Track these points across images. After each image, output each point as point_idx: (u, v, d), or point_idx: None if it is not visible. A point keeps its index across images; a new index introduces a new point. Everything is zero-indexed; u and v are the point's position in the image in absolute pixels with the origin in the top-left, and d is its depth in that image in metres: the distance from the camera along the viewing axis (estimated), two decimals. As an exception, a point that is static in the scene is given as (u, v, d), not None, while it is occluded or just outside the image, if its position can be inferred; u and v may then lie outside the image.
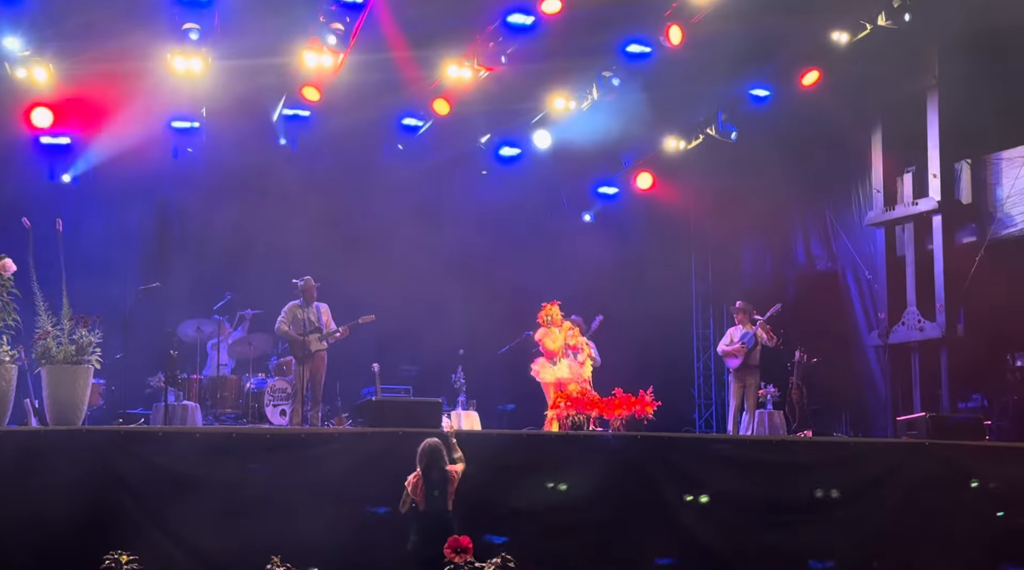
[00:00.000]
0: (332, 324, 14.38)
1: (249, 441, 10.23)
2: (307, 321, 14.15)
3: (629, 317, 18.22)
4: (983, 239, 16.71)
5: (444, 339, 16.79)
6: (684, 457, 11.57)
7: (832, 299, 18.83)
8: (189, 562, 9.43)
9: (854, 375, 18.33)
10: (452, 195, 18.54)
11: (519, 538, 9.88)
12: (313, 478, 10.00)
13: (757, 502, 11.44)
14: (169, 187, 17.33)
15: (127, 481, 9.39)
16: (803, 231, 19.70)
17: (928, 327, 16.85)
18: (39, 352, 9.93)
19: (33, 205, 13.50)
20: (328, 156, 17.37)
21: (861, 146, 18.21)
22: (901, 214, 17.56)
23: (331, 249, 16.36)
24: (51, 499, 9.01)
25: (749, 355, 15.66)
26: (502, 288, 18.08)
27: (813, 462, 12.02)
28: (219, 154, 16.77)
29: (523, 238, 18.78)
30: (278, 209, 16.91)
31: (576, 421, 12.55)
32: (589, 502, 10.84)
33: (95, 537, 8.73)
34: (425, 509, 9.17)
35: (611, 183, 19.65)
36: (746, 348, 15.61)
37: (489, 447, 10.92)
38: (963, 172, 17.09)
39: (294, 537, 9.40)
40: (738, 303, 16.34)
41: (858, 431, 17.52)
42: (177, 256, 16.82)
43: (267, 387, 14.90)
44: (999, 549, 11.86)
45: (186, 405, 13.99)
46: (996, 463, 12.38)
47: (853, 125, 18.01)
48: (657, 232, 19.72)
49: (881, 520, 11.75)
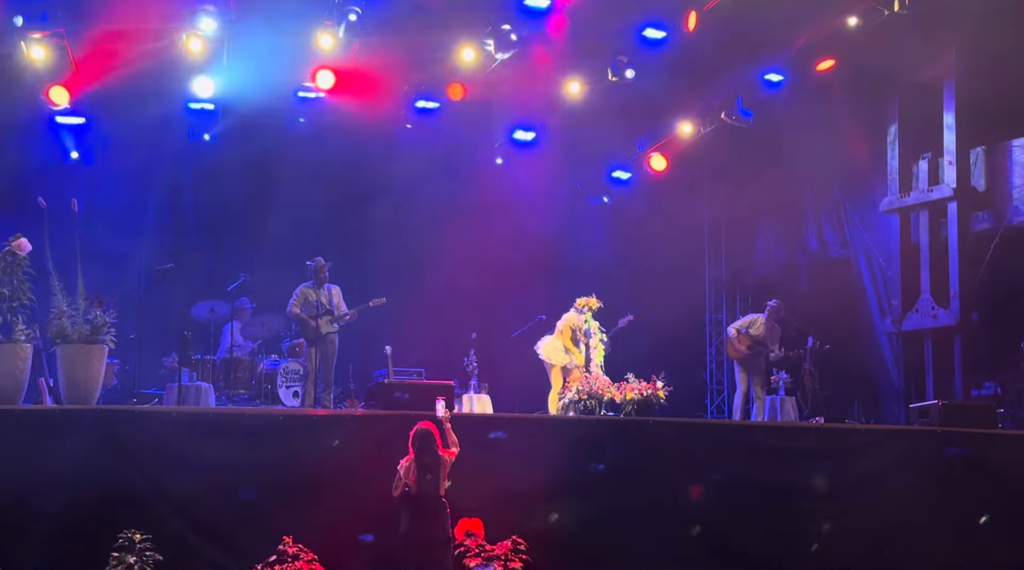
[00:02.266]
0: (344, 306, 14.41)
1: (262, 422, 10.26)
2: (319, 303, 14.18)
3: (641, 302, 18.20)
4: (998, 226, 16.66)
5: (456, 322, 16.81)
6: (695, 442, 11.58)
7: (845, 286, 18.78)
8: (200, 542, 9.47)
9: (867, 362, 18.31)
10: (466, 179, 18.52)
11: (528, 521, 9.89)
12: (325, 459, 10.03)
13: (768, 488, 11.44)
14: (184, 168, 17.36)
15: (140, 460, 9.43)
16: (816, 217, 19.65)
17: (942, 314, 16.81)
18: (54, 331, 9.98)
19: (49, 185, 13.57)
20: (342, 139, 17.35)
21: (876, 132, 18.15)
22: (916, 201, 17.52)
23: (345, 232, 16.41)
24: (64, 477, 9.05)
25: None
26: (515, 272, 18.09)
27: (825, 448, 12.01)
28: (234, 136, 16.78)
29: (536, 222, 18.75)
30: (292, 191, 16.91)
31: (588, 405, 12.55)
32: (599, 486, 10.85)
33: (108, 515, 8.79)
34: (418, 492, 9.22)
35: (625, 168, 19.61)
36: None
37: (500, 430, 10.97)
38: (979, 159, 17.04)
39: (306, 518, 9.44)
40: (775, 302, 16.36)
41: (870, 418, 17.52)
42: (191, 237, 16.88)
43: (280, 368, 14.95)
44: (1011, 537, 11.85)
45: (199, 386, 14.06)
46: (1009, 451, 12.36)
47: (868, 111, 17.95)
48: (670, 217, 19.68)
49: (893, 507, 11.75)
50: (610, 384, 12.72)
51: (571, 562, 10.45)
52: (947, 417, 12.59)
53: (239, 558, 8.72)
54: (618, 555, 10.80)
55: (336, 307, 14.35)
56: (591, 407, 12.50)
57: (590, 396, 12.57)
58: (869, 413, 17.80)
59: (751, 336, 15.88)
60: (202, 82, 15.47)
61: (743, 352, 15.88)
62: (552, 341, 14.67)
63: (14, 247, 9.85)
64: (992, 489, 11.97)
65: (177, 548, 8.81)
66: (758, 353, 15.84)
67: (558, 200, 19.55)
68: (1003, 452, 12.31)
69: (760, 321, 16.04)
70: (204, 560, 9.33)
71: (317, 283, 14.37)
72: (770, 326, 15.97)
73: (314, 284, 14.39)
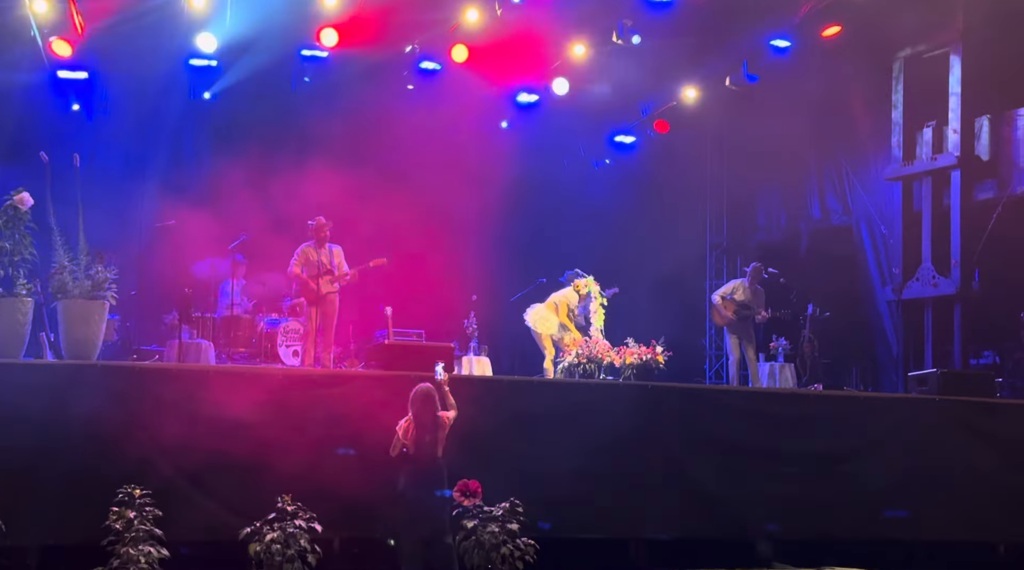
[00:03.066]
0: (345, 266, 14.39)
1: (262, 381, 10.28)
2: (320, 263, 14.16)
3: (642, 267, 18.22)
4: (1001, 195, 16.63)
5: (457, 284, 16.81)
6: (694, 407, 11.59)
7: (846, 253, 18.78)
8: (200, 498, 9.51)
9: (866, 330, 18.35)
10: (469, 142, 18.46)
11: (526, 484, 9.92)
12: (324, 419, 10.05)
13: (765, 453, 11.47)
14: (187, 125, 17.31)
15: (140, 416, 9.44)
16: (819, 185, 19.62)
17: (942, 283, 16.82)
18: (55, 286, 9.97)
19: (51, 140, 13.48)
20: (345, 99, 17.31)
21: (881, 100, 18.09)
22: (919, 169, 17.49)
23: (347, 192, 16.32)
24: (65, 432, 9.07)
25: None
26: (517, 235, 18.09)
27: (823, 415, 12.05)
28: (237, 93, 16.71)
29: (539, 185, 18.72)
30: (295, 150, 16.88)
31: (587, 369, 12.58)
32: (597, 450, 10.86)
33: (108, 471, 8.81)
34: (415, 454, 9.25)
35: (628, 132, 19.55)
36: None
37: (499, 393, 11.00)
38: (983, 128, 16.98)
39: (304, 476, 9.47)
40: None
41: (868, 386, 17.57)
42: (193, 194, 16.82)
43: (280, 328, 14.97)
44: (1006, 505, 11.91)
45: (199, 343, 14.07)
46: (1006, 420, 12.40)
47: (873, 79, 17.88)
48: (673, 182, 19.65)
49: (889, 474, 11.80)
50: (610, 348, 12.74)
51: (568, 524, 10.50)
52: (945, 386, 12.63)
53: (239, 515, 8.75)
54: (614, 517, 10.85)
55: (337, 267, 14.33)
56: (590, 371, 12.53)
57: (589, 360, 12.60)
58: (867, 381, 17.84)
59: (736, 301, 15.89)
60: (205, 37, 15.41)
61: (730, 318, 15.88)
62: (541, 310, 14.66)
63: (16, 201, 9.83)
64: (989, 458, 12.00)
65: (177, 504, 8.84)
66: (745, 318, 15.85)
67: (560, 164, 19.50)
68: (1000, 421, 12.35)
69: (743, 286, 16.04)
70: (204, 515, 9.36)
71: (318, 242, 14.34)
72: (753, 289, 15.98)
73: (315, 244, 14.36)
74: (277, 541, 7.84)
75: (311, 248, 14.31)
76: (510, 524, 8.44)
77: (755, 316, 15.83)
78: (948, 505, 11.77)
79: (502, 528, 8.41)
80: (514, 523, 8.44)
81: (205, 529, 9.29)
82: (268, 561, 7.78)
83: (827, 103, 18.01)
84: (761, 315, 15.83)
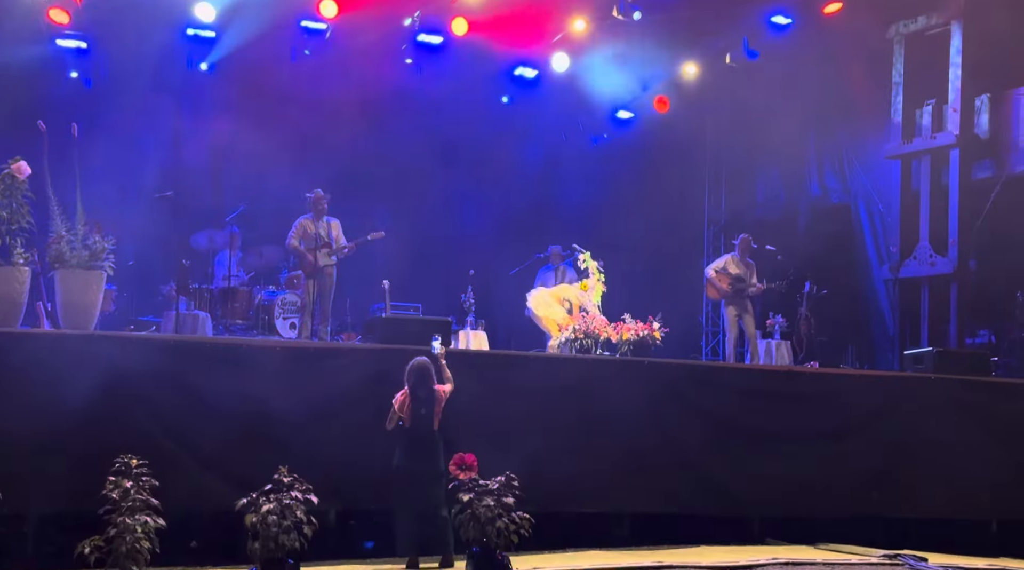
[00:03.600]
0: (343, 239, 14.38)
1: (259, 353, 10.27)
2: (317, 236, 14.15)
3: (640, 242, 18.23)
4: (1000, 175, 16.64)
5: (455, 258, 16.80)
6: (690, 383, 11.60)
7: (844, 231, 18.80)
8: (197, 468, 9.52)
9: (863, 308, 18.38)
10: (468, 116, 18.43)
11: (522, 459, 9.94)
12: (321, 392, 10.05)
13: (761, 430, 11.48)
14: (185, 96, 17.26)
15: (137, 387, 9.44)
16: (818, 163, 19.62)
17: (939, 262, 16.84)
18: (53, 256, 9.94)
19: (48, 109, 13.45)
20: (344, 71, 17.25)
21: (881, 78, 18.06)
22: (919, 148, 17.49)
23: (345, 165, 16.34)
24: (61, 401, 9.06)
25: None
26: (515, 210, 18.07)
27: (819, 393, 12.07)
28: (236, 65, 16.66)
29: (537, 161, 18.69)
30: (294, 122, 16.84)
31: (584, 344, 12.58)
32: (593, 425, 10.88)
33: (105, 441, 8.81)
34: (411, 427, 9.27)
35: (628, 108, 19.51)
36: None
37: (496, 367, 11.01)
38: (983, 106, 16.96)
39: (300, 448, 9.48)
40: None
41: (864, 364, 17.61)
42: (191, 165, 16.79)
43: (278, 300, 14.97)
44: (999, 484, 11.95)
45: (197, 314, 14.08)
46: (1001, 399, 12.43)
47: (874, 56, 17.84)
48: (672, 158, 19.62)
49: (884, 452, 11.84)
50: (607, 324, 12.73)
51: (563, 498, 10.53)
52: (941, 364, 12.64)
53: (235, 486, 8.74)
54: (610, 492, 10.88)
55: (335, 240, 14.33)
56: (587, 346, 12.52)
57: (586, 335, 12.58)
58: (863, 359, 17.89)
59: (730, 274, 15.88)
60: (203, 7, 15.36)
61: (725, 291, 15.85)
62: (545, 296, 14.61)
63: (13, 170, 9.79)
64: (984, 436, 12.04)
65: (174, 474, 8.83)
66: (740, 290, 15.84)
67: (559, 139, 19.47)
68: (995, 400, 12.37)
69: (734, 259, 16.03)
70: (201, 486, 9.37)
71: (316, 215, 14.33)
72: (745, 261, 15.97)
73: (313, 216, 14.35)
74: (273, 512, 7.84)
75: (309, 221, 14.30)
76: (506, 498, 8.44)
77: (749, 288, 15.80)
78: (942, 483, 11.81)
79: (497, 502, 8.41)
80: (510, 497, 8.45)
81: (202, 500, 9.31)
82: (264, 532, 7.79)
83: (827, 81, 17.99)
84: (756, 287, 15.80)
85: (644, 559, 9.46)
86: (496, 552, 8.34)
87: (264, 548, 7.82)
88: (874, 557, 9.89)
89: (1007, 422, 12.17)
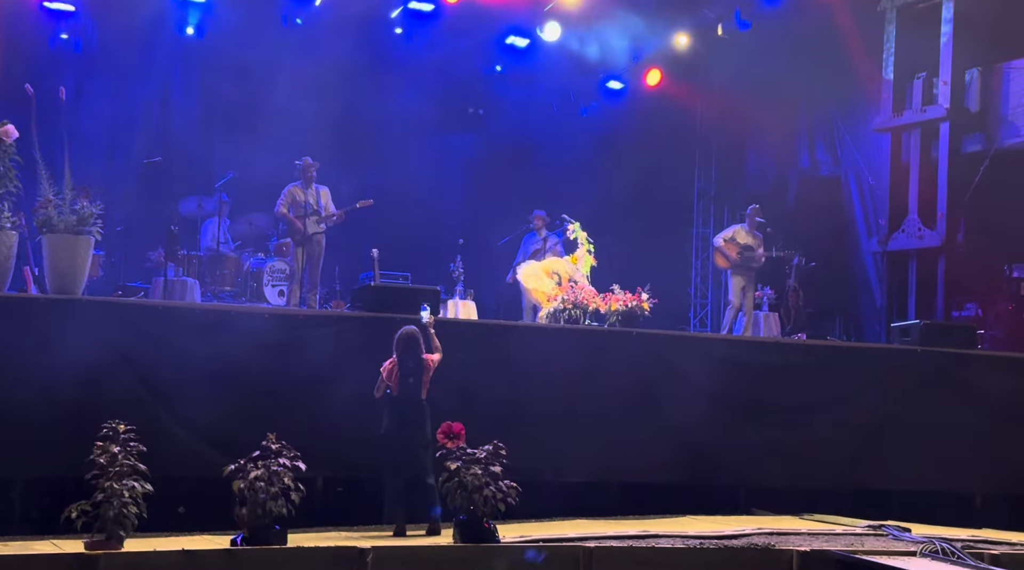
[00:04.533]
0: (332, 207, 14.35)
1: (247, 320, 10.27)
2: (306, 204, 14.12)
3: (630, 213, 18.22)
4: (989, 148, 16.65)
5: (444, 228, 16.78)
6: (678, 355, 11.64)
7: (833, 204, 18.81)
8: (185, 434, 9.53)
9: (851, 280, 18.42)
10: (458, 85, 18.36)
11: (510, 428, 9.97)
12: (309, 359, 10.06)
13: (748, 401, 11.55)
14: (175, 61, 17.13)
15: (125, 352, 9.44)
16: (809, 135, 19.62)
17: (928, 235, 16.87)
18: (40, 220, 9.89)
19: (36, 72, 13.35)
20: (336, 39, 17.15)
21: (872, 51, 18.02)
22: (909, 121, 17.48)
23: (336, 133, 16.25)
24: (49, 367, 9.06)
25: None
26: (504, 180, 18.04)
27: (806, 364, 12.11)
28: (226, 31, 16.55)
29: (527, 130, 18.64)
30: (284, 90, 16.74)
31: (572, 315, 12.59)
32: (581, 395, 10.92)
33: (93, 406, 8.81)
34: (399, 395, 9.29)
35: (619, 78, 19.45)
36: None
37: (484, 337, 11.03)
38: (974, 80, 16.94)
39: (288, 415, 9.50)
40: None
41: (851, 336, 17.66)
42: (180, 131, 16.69)
43: (266, 267, 14.94)
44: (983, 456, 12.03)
45: (185, 281, 14.06)
46: (987, 371, 12.49)
47: (865, 29, 17.79)
48: (662, 129, 19.58)
49: (870, 424, 11.90)
50: (595, 295, 12.74)
51: (551, 467, 10.58)
52: (927, 337, 12.70)
53: (223, 452, 8.75)
54: (597, 462, 10.92)
55: (324, 207, 14.30)
56: (576, 317, 12.53)
57: (575, 306, 12.59)
58: (851, 331, 17.94)
59: (738, 244, 15.90)
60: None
61: (735, 259, 15.86)
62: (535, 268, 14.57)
63: (0, 133, 9.74)
64: (969, 409, 12.11)
65: (162, 440, 8.83)
66: (748, 259, 15.87)
67: (550, 108, 19.40)
68: (981, 372, 12.44)
69: (743, 229, 16.07)
70: (189, 452, 9.40)
71: (305, 183, 14.29)
72: (753, 233, 16.01)
73: (302, 184, 14.31)
74: (261, 478, 7.85)
75: (298, 188, 14.26)
76: (493, 466, 8.46)
77: (757, 258, 15.84)
78: (927, 455, 11.89)
79: (485, 470, 8.42)
80: (497, 465, 8.46)
81: (190, 465, 9.33)
82: (252, 498, 7.79)
83: (818, 53, 17.94)
84: (764, 256, 15.87)
85: (630, 528, 9.50)
86: (483, 520, 8.37)
87: (251, 514, 7.84)
88: (858, 527, 9.94)
89: (992, 395, 12.24)
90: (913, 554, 8.60)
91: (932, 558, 8.47)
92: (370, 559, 7.69)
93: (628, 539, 8.86)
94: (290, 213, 14.19)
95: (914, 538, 9.21)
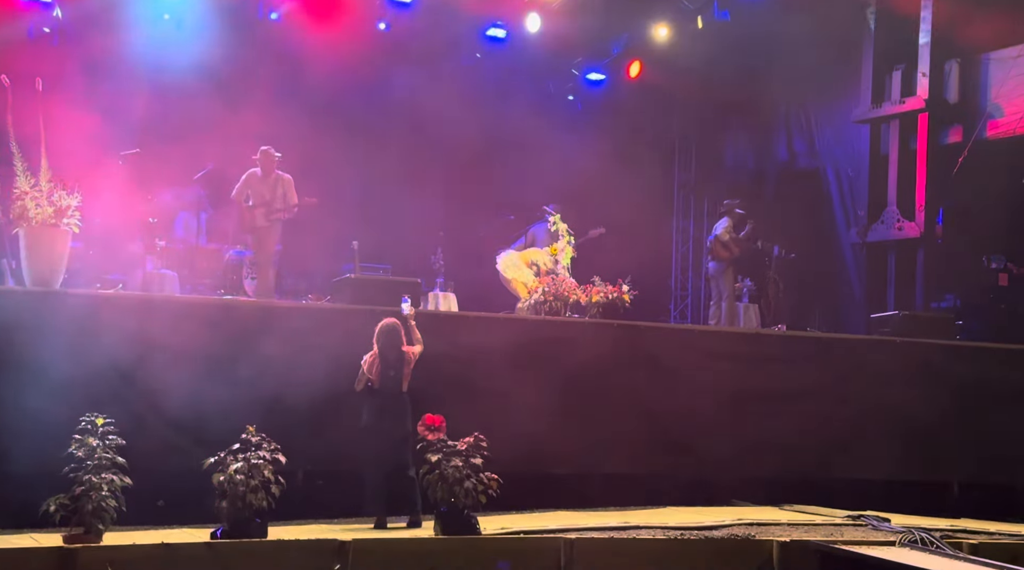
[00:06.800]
0: (293, 196, 13.88)
1: (226, 312, 10.24)
2: (261, 193, 13.74)
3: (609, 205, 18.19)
4: (968, 139, 16.70)
5: (425, 220, 16.73)
6: (658, 346, 11.66)
7: (812, 196, 18.87)
8: (164, 427, 9.50)
9: (830, 272, 18.47)
10: (438, 77, 18.29)
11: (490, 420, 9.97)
12: (289, 352, 10.02)
13: (728, 392, 11.58)
14: (152, 53, 17.00)
15: (104, 345, 9.38)
16: (787, 127, 19.67)
17: (907, 226, 16.93)
18: (17, 213, 9.82)
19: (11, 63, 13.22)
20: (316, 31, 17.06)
21: (851, 42, 18.06)
22: (888, 112, 17.53)
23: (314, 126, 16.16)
24: (26, 360, 9.01)
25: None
26: (485, 172, 18.01)
27: (785, 355, 12.15)
28: (203, 22, 16.44)
29: (507, 122, 18.60)
30: (263, 82, 16.66)
31: (553, 307, 12.58)
32: (562, 387, 10.91)
33: (70, 398, 8.76)
34: (380, 388, 9.30)
35: (599, 70, 19.43)
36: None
37: (465, 329, 11.01)
38: (952, 71, 17.00)
39: (269, 408, 9.46)
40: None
41: (831, 327, 17.68)
42: (158, 123, 16.58)
43: (245, 259, 14.86)
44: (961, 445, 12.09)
45: (164, 273, 13.97)
46: (964, 362, 12.55)
47: (845, 20, 17.82)
48: (641, 120, 19.58)
49: (848, 414, 11.95)
50: (576, 286, 12.74)
51: (531, 459, 10.57)
52: (906, 328, 12.76)
53: (202, 445, 8.71)
54: (578, 454, 10.94)
55: (280, 198, 13.80)
56: (556, 308, 12.53)
57: (556, 297, 12.59)
58: (830, 322, 17.97)
59: (740, 239, 15.94)
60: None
61: (737, 254, 15.89)
62: (514, 258, 14.55)
63: (-24, 125, 9.67)
64: (946, 399, 12.16)
65: (141, 432, 8.81)
66: (746, 250, 15.93)
67: (529, 100, 19.37)
68: (960, 363, 12.50)
69: (731, 223, 16.09)
70: (168, 445, 9.37)
71: (264, 172, 13.87)
72: (743, 225, 16.05)
73: (261, 172, 13.89)
74: (241, 471, 7.83)
75: (256, 177, 13.80)
76: (474, 458, 8.45)
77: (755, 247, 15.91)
78: (905, 444, 11.96)
79: (466, 462, 8.42)
80: (478, 457, 8.46)
81: (169, 458, 9.29)
82: (232, 491, 7.78)
83: (797, 44, 17.95)
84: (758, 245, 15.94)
85: (611, 520, 9.52)
86: (464, 512, 8.37)
87: (232, 507, 7.83)
88: (838, 518, 10.00)
89: (970, 385, 12.30)
90: (893, 544, 8.64)
91: (912, 548, 8.52)
92: (351, 551, 7.68)
93: (609, 530, 8.88)
94: (249, 201, 13.76)
95: (894, 528, 9.26)
